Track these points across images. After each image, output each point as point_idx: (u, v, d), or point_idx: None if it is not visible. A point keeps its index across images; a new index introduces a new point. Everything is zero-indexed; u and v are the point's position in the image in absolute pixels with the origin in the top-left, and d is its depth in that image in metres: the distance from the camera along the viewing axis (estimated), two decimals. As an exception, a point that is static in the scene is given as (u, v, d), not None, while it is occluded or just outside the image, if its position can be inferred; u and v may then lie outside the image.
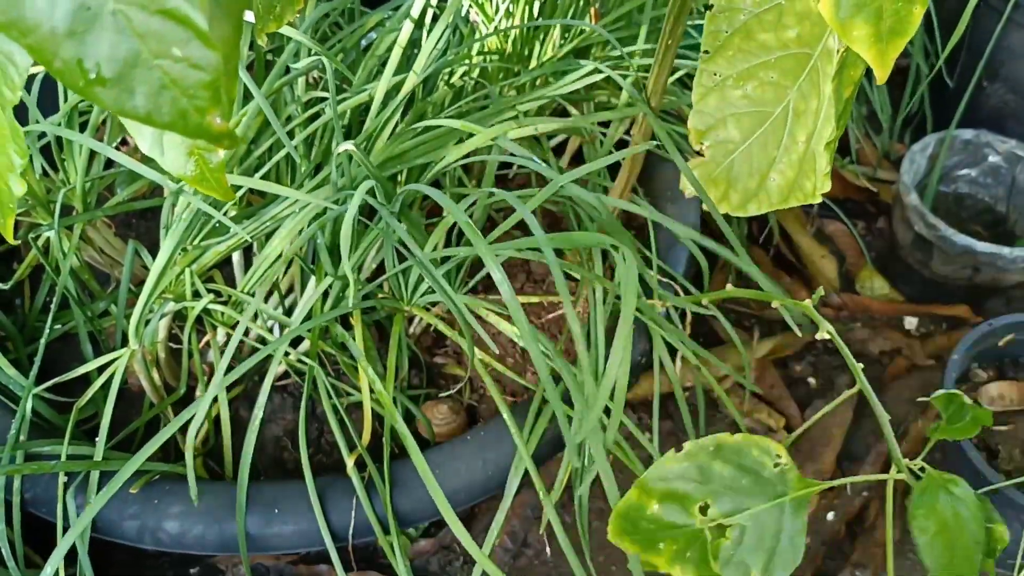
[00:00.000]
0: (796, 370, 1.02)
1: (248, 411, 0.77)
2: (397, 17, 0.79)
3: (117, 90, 0.27)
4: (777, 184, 0.67)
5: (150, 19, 0.27)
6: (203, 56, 0.27)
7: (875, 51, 0.34)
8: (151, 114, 0.28)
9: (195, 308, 0.67)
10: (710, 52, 0.65)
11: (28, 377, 0.67)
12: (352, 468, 0.65)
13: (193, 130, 0.28)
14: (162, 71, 0.27)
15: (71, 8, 0.27)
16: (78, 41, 0.27)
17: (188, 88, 0.28)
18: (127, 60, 0.27)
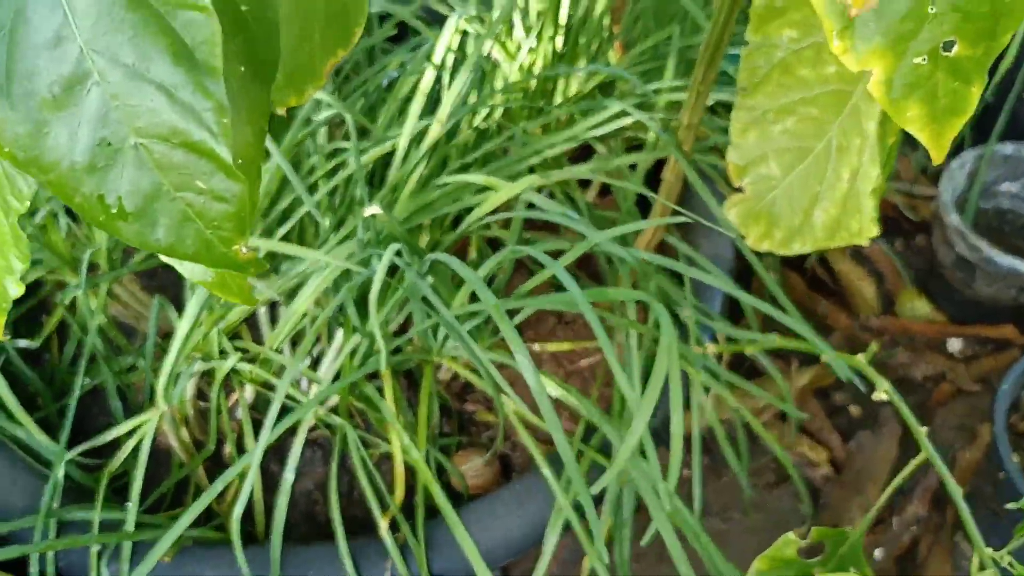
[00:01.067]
0: (837, 399, 1.00)
1: (278, 465, 0.75)
2: (418, 59, 0.77)
3: (139, 224, 0.26)
4: (822, 221, 0.65)
5: (172, 152, 0.26)
6: (227, 188, 0.26)
7: (930, 132, 0.32)
8: (174, 246, 0.27)
9: (223, 367, 0.66)
10: (747, 88, 0.63)
11: (59, 440, 0.66)
12: (386, 529, 0.64)
13: (218, 261, 0.27)
14: (185, 203, 0.26)
15: (91, 143, 0.26)
16: (99, 176, 0.26)
17: (212, 220, 0.26)
18: (149, 194, 0.26)
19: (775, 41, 0.62)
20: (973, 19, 0.31)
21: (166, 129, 0.26)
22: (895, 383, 1.01)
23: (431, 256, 0.56)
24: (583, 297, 0.49)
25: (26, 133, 0.27)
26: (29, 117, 0.27)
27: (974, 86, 0.32)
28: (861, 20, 0.31)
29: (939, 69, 0.32)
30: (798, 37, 0.62)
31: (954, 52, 0.32)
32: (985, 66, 0.32)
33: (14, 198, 0.36)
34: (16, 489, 0.66)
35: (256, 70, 0.32)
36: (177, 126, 0.26)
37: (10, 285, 0.40)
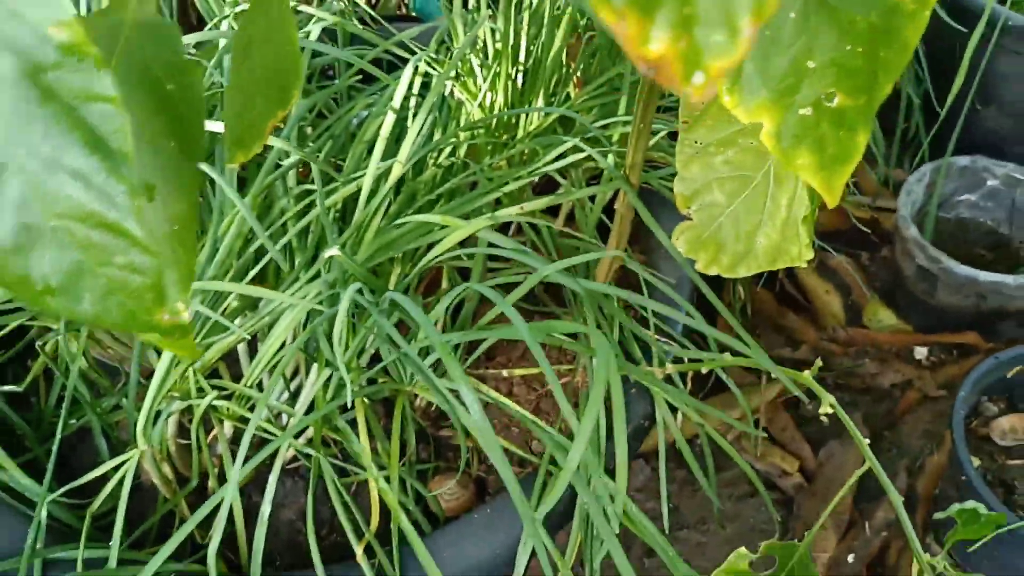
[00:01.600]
0: (808, 409, 1.02)
1: (259, 496, 0.78)
2: (384, 99, 0.81)
3: (65, 299, 0.29)
4: (763, 247, 0.68)
5: (91, 232, 0.28)
6: (143, 262, 0.29)
7: (820, 178, 0.35)
8: (100, 316, 0.29)
9: (200, 406, 0.68)
10: (688, 122, 0.66)
11: (42, 483, 0.68)
12: (362, 556, 0.66)
13: (143, 327, 0.29)
14: (107, 278, 0.29)
15: (15, 227, 0.28)
16: (23, 257, 0.29)
17: (133, 291, 0.29)
18: (72, 271, 0.29)
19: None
20: (851, 74, 0.34)
21: (83, 212, 0.29)
22: (863, 392, 1.04)
23: (389, 295, 0.58)
24: (528, 331, 0.52)
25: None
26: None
27: (859, 135, 0.35)
28: (746, 76, 0.34)
29: (824, 120, 0.35)
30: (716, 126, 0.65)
31: (836, 103, 0.35)
32: (869, 115, 0.35)
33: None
34: (1, 532, 0.68)
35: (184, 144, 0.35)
36: (93, 209, 0.29)
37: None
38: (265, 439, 0.70)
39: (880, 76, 0.34)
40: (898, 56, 0.33)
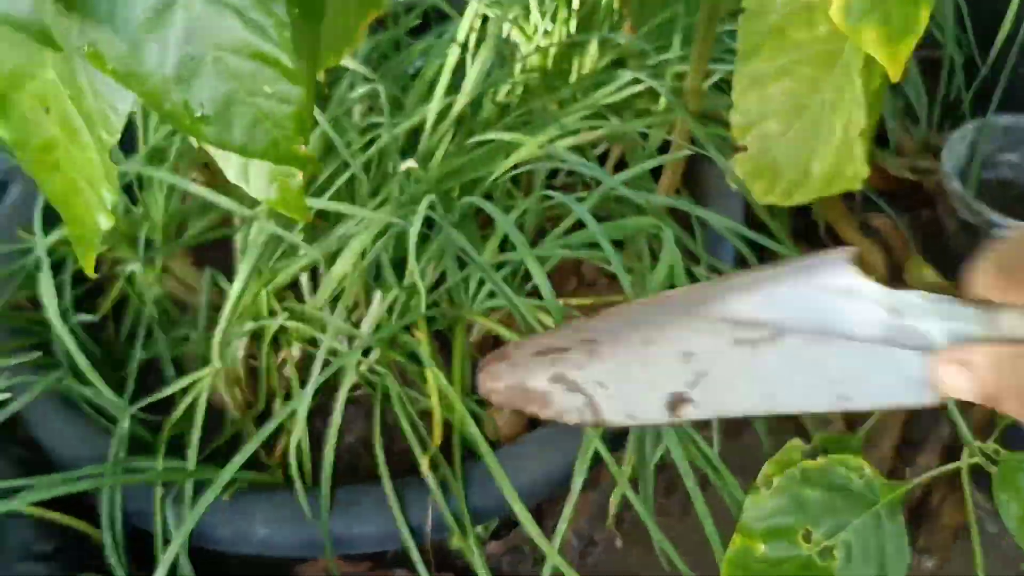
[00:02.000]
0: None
1: (322, 422, 0.81)
2: (441, 44, 0.84)
3: (218, 126, 0.32)
4: (820, 172, 0.69)
5: (244, 63, 0.31)
6: (290, 91, 0.32)
7: (886, 52, 0.37)
8: (247, 145, 0.32)
9: (272, 326, 0.72)
10: (746, 53, 0.68)
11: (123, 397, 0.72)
12: (427, 470, 0.69)
13: (283, 157, 0.32)
14: (256, 107, 0.32)
15: (178, 58, 0.32)
16: (185, 86, 0.32)
17: (278, 120, 0.32)
18: (226, 99, 0.32)
19: (768, 7, 0.67)
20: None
21: (239, 43, 0.32)
22: (905, 346, 1.05)
23: (466, 199, 0.61)
24: (602, 232, 0.54)
25: (126, 52, 0.33)
26: (128, 38, 0.33)
27: (922, 8, 0.37)
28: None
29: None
30: (789, 1, 0.67)
31: (906, -27, 0.37)
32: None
33: (106, 132, 0.42)
34: (85, 444, 0.72)
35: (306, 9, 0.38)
36: (248, 40, 0.32)
37: (102, 219, 0.46)
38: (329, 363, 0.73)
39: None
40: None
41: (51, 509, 0.68)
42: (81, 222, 0.46)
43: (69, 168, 0.44)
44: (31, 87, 0.43)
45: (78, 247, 0.48)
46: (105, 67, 0.33)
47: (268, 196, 0.42)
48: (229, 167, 0.42)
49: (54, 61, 0.41)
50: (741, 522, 0.51)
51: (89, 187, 0.45)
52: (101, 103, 0.41)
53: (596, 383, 0.57)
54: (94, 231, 0.46)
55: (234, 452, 0.78)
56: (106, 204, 0.45)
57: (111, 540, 0.66)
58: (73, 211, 0.46)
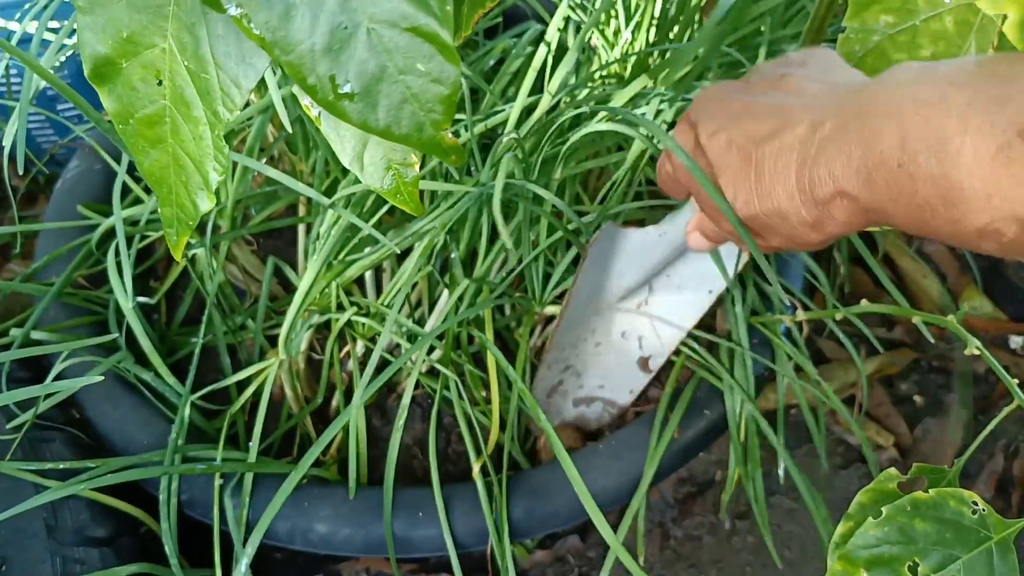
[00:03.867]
0: (902, 389, 1.02)
1: (379, 419, 0.80)
2: (522, 44, 0.82)
3: (363, 104, 0.30)
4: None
5: (400, 36, 0.30)
6: (444, 71, 0.30)
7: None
8: (390, 127, 0.30)
9: (340, 320, 0.70)
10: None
11: (185, 384, 0.70)
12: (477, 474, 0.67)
13: (426, 143, 0.31)
14: (404, 86, 0.30)
15: (329, 27, 0.30)
16: (333, 58, 0.30)
17: (427, 102, 0.30)
18: (374, 75, 0.30)
19: (871, 27, 0.66)
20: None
21: (396, 15, 0.30)
22: (960, 376, 1.04)
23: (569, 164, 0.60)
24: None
25: (275, 18, 0.31)
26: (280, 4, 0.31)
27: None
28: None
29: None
30: (895, 22, 0.65)
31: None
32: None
33: (224, 107, 0.40)
34: (146, 430, 0.70)
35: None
36: (406, 11, 0.30)
37: (203, 199, 0.44)
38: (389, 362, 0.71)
39: None
40: None
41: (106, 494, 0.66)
42: (178, 202, 0.44)
43: (175, 144, 0.43)
44: (145, 56, 0.41)
45: (170, 228, 0.46)
46: (250, 32, 0.31)
47: (382, 186, 0.40)
48: (344, 152, 0.40)
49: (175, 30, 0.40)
50: (844, 549, 0.50)
51: (193, 165, 0.43)
52: (224, 77, 0.40)
53: (597, 387, 0.78)
54: (191, 213, 0.44)
55: (289, 445, 0.77)
56: (210, 184, 0.43)
57: (167, 528, 0.65)
58: (171, 191, 0.44)
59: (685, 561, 0.89)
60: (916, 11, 0.64)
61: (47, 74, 0.56)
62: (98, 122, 0.58)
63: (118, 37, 0.40)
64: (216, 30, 0.34)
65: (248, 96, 0.41)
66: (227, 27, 0.34)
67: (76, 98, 0.57)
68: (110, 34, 0.40)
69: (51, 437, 0.69)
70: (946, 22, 0.63)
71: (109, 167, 0.85)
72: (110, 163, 0.82)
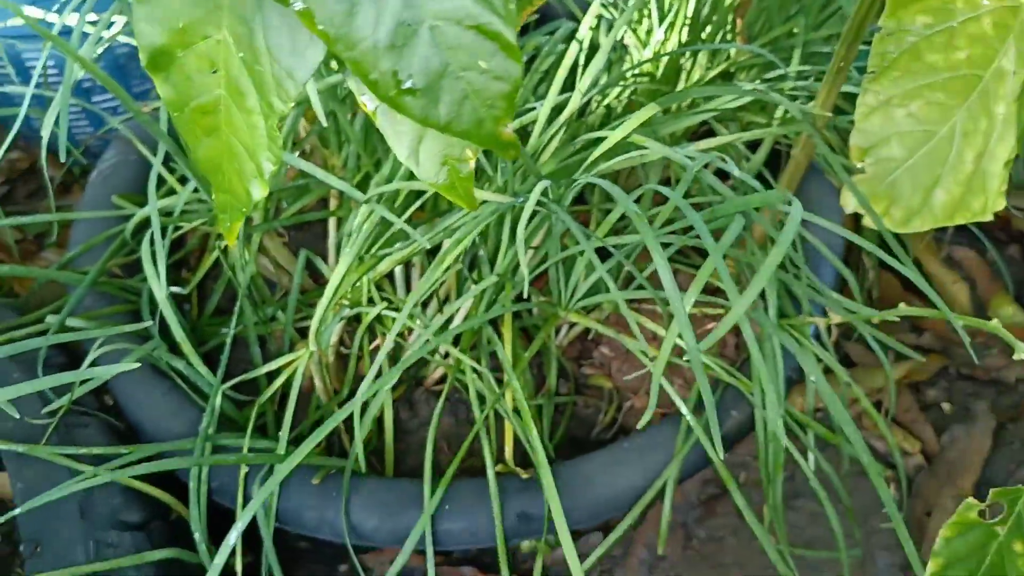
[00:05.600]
0: (929, 395, 1.02)
1: (408, 412, 0.80)
2: (553, 41, 0.83)
3: (425, 100, 0.31)
4: (942, 202, 0.68)
5: (463, 34, 0.30)
6: (506, 68, 0.30)
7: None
8: (451, 122, 0.31)
9: (370, 314, 0.71)
10: (875, 72, 0.66)
11: (216, 373, 0.71)
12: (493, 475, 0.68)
13: (486, 138, 0.31)
14: (466, 82, 0.31)
15: (393, 25, 0.30)
16: (396, 54, 0.30)
17: (488, 99, 0.31)
18: (437, 72, 0.31)
19: (908, 27, 0.66)
20: None
21: (460, 13, 0.31)
22: (988, 383, 1.03)
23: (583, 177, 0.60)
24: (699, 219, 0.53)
25: (340, 14, 0.32)
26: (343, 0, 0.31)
27: None
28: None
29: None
30: (932, 23, 0.65)
31: None
32: None
33: (279, 99, 0.41)
34: (177, 417, 0.71)
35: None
36: (470, 10, 0.31)
37: (255, 188, 0.45)
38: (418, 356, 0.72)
39: None
40: None
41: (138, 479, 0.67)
42: (232, 190, 0.45)
43: (229, 132, 0.43)
44: (201, 46, 0.42)
45: (223, 215, 0.47)
46: (314, 26, 0.32)
47: (437, 180, 0.40)
48: (400, 147, 0.40)
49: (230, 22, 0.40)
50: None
51: (247, 154, 0.44)
52: (278, 69, 0.41)
53: None
54: (244, 200, 0.45)
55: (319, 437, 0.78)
56: (264, 172, 0.44)
57: (196, 515, 0.66)
58: (225, 178, 0.45)
59: (708, 561, 0.89)
60: (954, 12, 0.63)
61: (90, 65, 0.57)
62: (137, 113, 0.59)
63: (174, 28, 0.41)
64: (271, 22, 0.35)
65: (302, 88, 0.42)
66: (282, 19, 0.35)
67: (117, 89, 0.58)
68: (166, 25, 0.41)
69: (85, 423, 0.70)
70: (984, 24, 0.62)
71: (143, 159, 0.86)
72: (145, 154, 0.83)
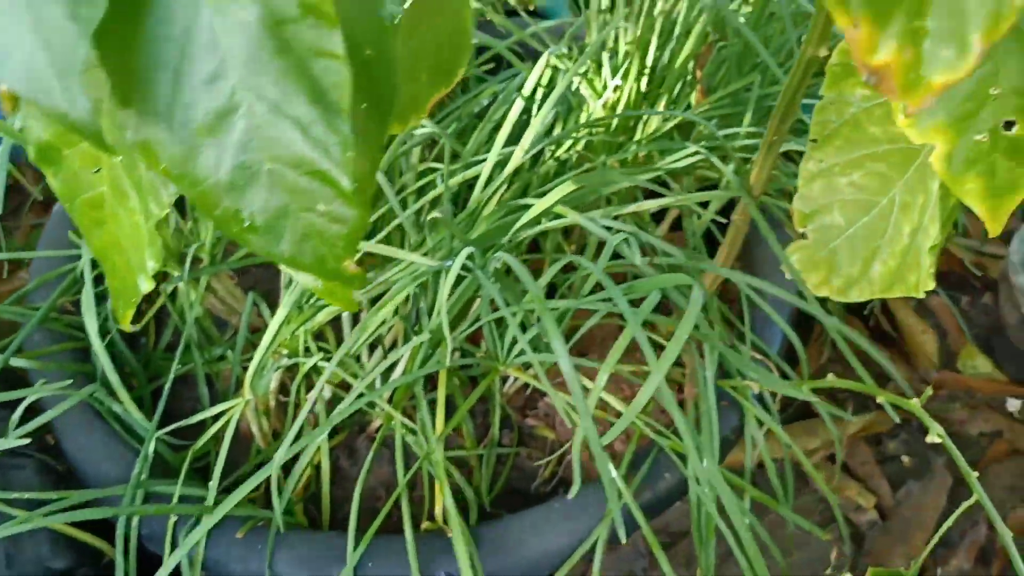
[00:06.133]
0: (890, 448, 1.01)
1: (348, 460, 0.80)
2: (510, 89, 0.82)
3: (266, 238, 0.31)
4: (880, 273, 0.67)
5: (300, 178, 0.30)
6: (344, 212, 0.31)
7: (987, 206, 0.35)
8: (294, 258, 0.31)
9: (306, 365, 0.71)
10: (818, 140, 0.66)
11: (152, 419, 0.72)
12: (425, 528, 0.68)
13: (329, 274, 0.31)
14: (307, 223, 0.31)
15: (233, 166, 0.30)
16: (237, 194, 0.31)
17: (328, 238, 0.31)
18: (277, 212, 0.31)
19: (848, 98, 0.65)
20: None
21: (298, 158, 0.31)
22: (950, 437, 1.02)
23: (500, 255, 0.60)
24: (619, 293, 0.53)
25: (181, 153, 0.32)
26: (185, 141, 0.32)
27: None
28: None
29: (998, 148, 0.35)
30: (871, 96, 0.64)
31: (1014, 131, 0.35)
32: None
33: (156, 205, 0.41)
34: (114, 462, 0.72)
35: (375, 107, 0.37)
36: (306, 156, 0.31)
37: (142, 281, 0.45)
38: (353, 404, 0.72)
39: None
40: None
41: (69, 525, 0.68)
42: (121, 279, 0.46)
43: (115, 228, 0.44)
44: (84, 146, 0.42)
45: (116, 300, 0.47)
46: (157, 165, 0.32)
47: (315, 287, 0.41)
48: (279, 252, 0.41)
49: (107, 126, 0.41)
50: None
51: (133, 249, 0.44)
52: (152, 176, 0.41)
53: None
54: (133, 291, 0.46)
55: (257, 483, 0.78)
56: (147, 269, 0.44)
57: (123, 564, 0.67)
58: (114, 268, 0.46)
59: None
60: (892, 90, 0.63)
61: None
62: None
63: (58, 127, 0.41)
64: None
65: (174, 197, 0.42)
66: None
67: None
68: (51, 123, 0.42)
69: (22, 464, 0.71)
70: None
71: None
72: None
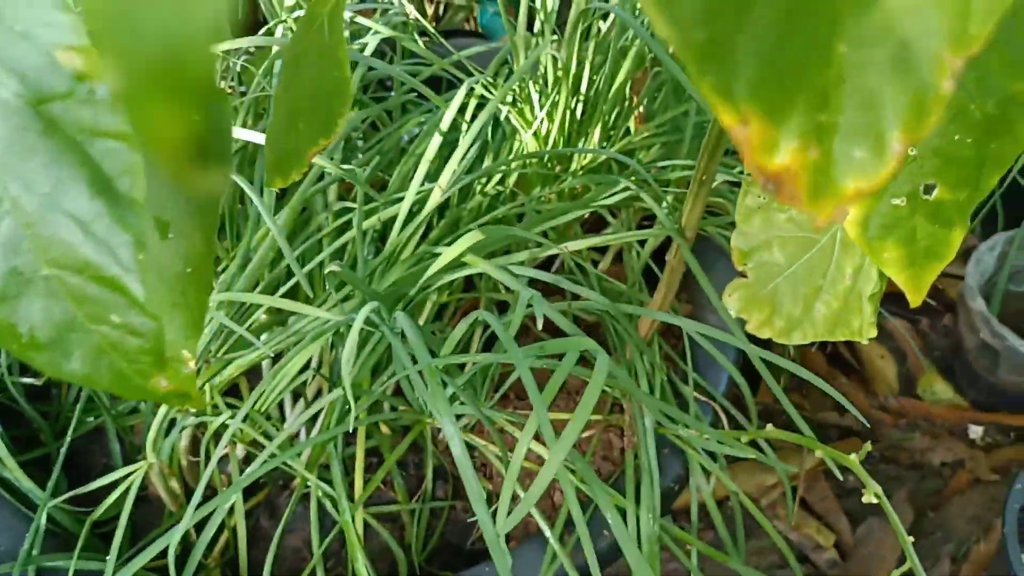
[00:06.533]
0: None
1: (268, 520, 0.75)
2: (433, 121, 0.78)
3: (53, 354, 0.26)
4: (823, 315, 0.63)
5: (86, 285, 0.25)
6: (142, 323, 0.25)
7: (907, 275, 0.31)
8: (90, 377, 0.26)
9: (214, 424, 0.66)
10: (753, 175, 0.62)
11: (45, 486, 0.66)
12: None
13: (136, 393, 0.26)
14: (100, 336, 0.25)
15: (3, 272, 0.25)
16: (10, 305, 0.25)
17: (128, 354, 0.26)
18: (62, 324, 0.26)
19: (757, 231, 0.63)
20: (956, 164, 0.30)
21: (80, 262, 0.26)
22: (911, 467, 0.98)
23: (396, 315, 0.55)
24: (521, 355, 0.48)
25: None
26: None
27: (955, 230, 0.31)
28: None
29: (919, 212, 0.31)
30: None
31: (935, 195, 0.30)
32: (967, 210, 0.31)
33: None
34: (4, 535, 0.66)
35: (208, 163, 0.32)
36: (90, 260, 0.26)
37: None
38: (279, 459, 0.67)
39: (986, 169, 0.30)
40: (1010, 148, 0.29)
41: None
42: None
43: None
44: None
45: None
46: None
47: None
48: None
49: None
50: None
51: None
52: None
53: None
54: None
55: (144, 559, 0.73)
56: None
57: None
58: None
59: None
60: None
61: None
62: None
63: None
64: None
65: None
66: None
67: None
68: None
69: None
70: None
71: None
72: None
